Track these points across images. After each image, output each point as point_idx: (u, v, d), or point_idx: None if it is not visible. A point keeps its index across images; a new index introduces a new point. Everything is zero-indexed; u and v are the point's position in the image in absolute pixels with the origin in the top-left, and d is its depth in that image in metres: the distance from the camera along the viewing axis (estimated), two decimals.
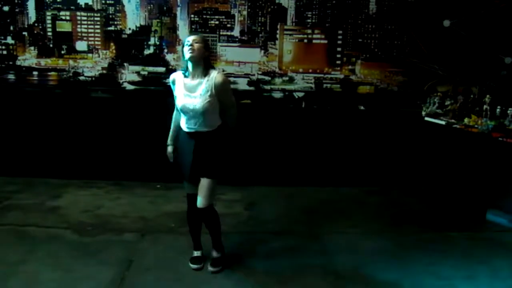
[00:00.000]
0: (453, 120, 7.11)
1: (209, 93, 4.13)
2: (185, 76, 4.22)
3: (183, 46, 4.17)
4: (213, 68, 4.27)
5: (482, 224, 5.96)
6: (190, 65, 4.17)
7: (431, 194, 6.87)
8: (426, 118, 7.45)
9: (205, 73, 4.17)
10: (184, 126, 4.30)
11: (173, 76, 4.31)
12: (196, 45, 4.10)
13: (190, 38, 4.13)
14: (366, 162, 7.43)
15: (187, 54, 4.09)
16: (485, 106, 6.85)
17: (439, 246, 5.25)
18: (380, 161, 7.43)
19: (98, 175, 7.05)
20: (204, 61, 4.18)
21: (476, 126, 6.75)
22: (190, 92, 4.17)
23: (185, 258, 4.69)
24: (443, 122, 7.16)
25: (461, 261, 4.88)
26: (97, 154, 7.13)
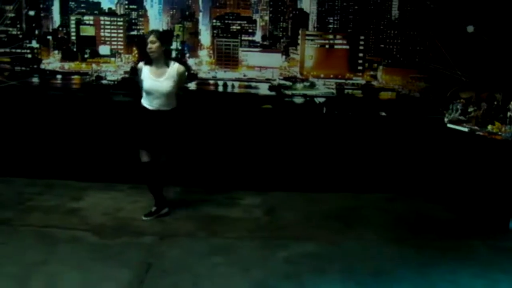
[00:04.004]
0: (476, 127, 7.03)
1: (172, 78, 5.45)
2: (151, 66, 5.47)
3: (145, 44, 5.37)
4: (172, 59, 5.55)
5: (504, 233, 5.87)
6: (153, 60, 5.45)
7: (453, 201, 6.79)
8: (449, 125, 7.38)
9: (167, 63, 5.48)
10: (148, 105, 5.54)
11: (140, 65, 5.57)
12: (153, 46, 5.36)
13: (148, 40, 5.38)
14: (387, 169, 7.37)
15: (150, 55, 5.39)
16: (509, 113, 6.77)
17: (460, 254, 5.18)
18: (401, 167, 7.37)
19: (118, 178, 7.09)
20: (164, 54, 5.47)
21: (499, 133, 6.67)
22: (157, 78, 5.44)
23: (204, 262, 4.70)
24: (466, 129, 7.09)
25: (481, 270, 4.80)
26: (117, 157, 7.18)
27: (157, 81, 5.45)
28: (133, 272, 4.48)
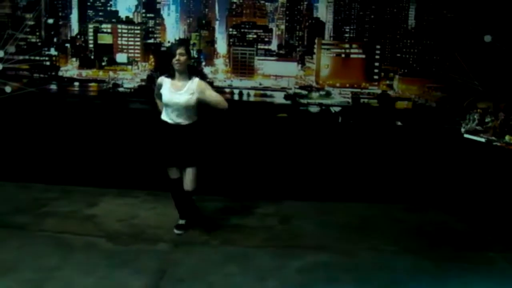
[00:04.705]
0: (493, 138, 6.98)
1: (191, 91, 5.27)
2: (173, 79, 5.35)
3: (170, 55, 5.24)
4: (195, 74, 5.40)
5: None
6: (177, 72, 5.31)
7: (470, 212, 6.72)
8: (465, 135, 7.33)
9: (189, 77, 5.34)
10: (167, 118, 5.42)
11: (160, 79, 5.48)
12: (182, 58, 5.23)
13: (177, 52, 5.23)
14: (403, 179, 7.33)
15: (175, 66, 5.25)
16: None
17: (478, 266, 5.12)
18: (417, 177, 7.32)
19: (134, 185, 7.12)
20: (188, 68, 5.35)
21: None
22: (176, 91, 5.30)
23: (218, 270, 4.70)
24: (483, 140, 7.04)
25: (499, 283, 4.75)
26: (133, 164, 7.22)
27: (176, 93, 5.30)
28: (147, 279, 4.49)
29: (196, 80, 5.33)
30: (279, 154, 7.33)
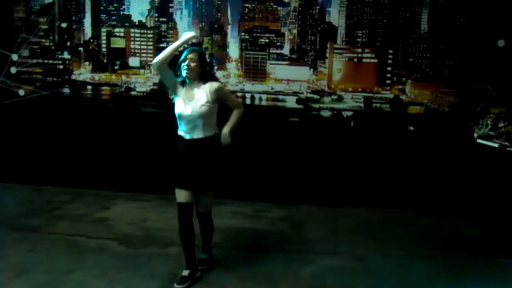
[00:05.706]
0: (506, 143, 6.92)
1: (204, 98, 4.50)
2: (184, 87, 4.60)
3: (181, 61, 4.54)
4: (212, 79, 4.64)
5: None
6: (187, 80, 4.56)
7: (483, 218, 6.67)
8: (478, 140, 7.27)
9: (202, 84, 4.56)
10: (182, 132, 4.60)
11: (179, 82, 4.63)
12: (192, 65, 4.50)
13: (188, 56, 4.52)
14: (415, 184, 7.29)
15: (184, 73, 4.53)
16: None
17: (490, 272, 5.08)
18: (429, 183, 7.27)
19: (146, 188, 7.15)
20: (200, 76, 4.56)
21: None
22: (188, 100, 4.51)
23: (230, 274, 4.70)
24: (496, 145, 6.98)
25: None
26: (145, 168, 7.24)
27: (187, 103, 4.51)
28: (159, 283, 4.50)
29: (209, 83, 4.55)
30: (290, 158, 7.32)
